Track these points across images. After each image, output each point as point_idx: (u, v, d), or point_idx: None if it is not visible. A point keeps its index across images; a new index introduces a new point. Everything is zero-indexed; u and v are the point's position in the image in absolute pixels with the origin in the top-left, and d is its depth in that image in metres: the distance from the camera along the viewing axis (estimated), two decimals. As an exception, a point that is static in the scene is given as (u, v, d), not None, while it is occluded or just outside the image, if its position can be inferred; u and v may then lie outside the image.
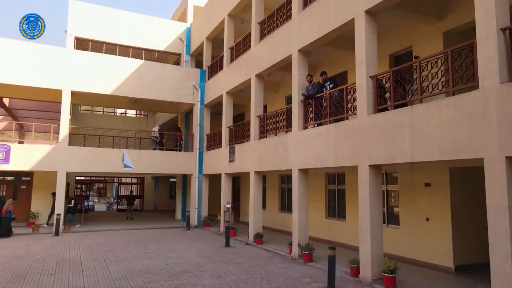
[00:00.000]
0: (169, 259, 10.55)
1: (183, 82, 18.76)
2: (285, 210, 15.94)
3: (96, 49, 20.06)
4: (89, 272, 8.96)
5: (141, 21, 21.08)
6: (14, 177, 18.25)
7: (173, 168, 18.54)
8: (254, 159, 13.47)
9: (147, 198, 29.28)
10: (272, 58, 12.48)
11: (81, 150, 16.70)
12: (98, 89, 16.99)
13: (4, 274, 8.65)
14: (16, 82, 15.73)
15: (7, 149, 15.32)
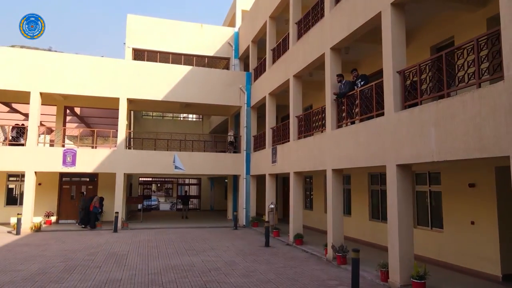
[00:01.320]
0: (207, 257, 10.97)
1: (229, 85, 19.31)
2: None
3: (151, 58, 21.48)
4: (130, 266, 9.69)
5: (192, 29, 22.10)
6: (82, 178, 20.19)
7: (221, 169, 19.15)
8: (293, 160, 13.45)
9: (204, 198, 30.48)
10: (308, 57, 12.39)
11: (136, 153, 18.01)
12: (151, 96, 18.17)
13: (59, 266, 9.71)
14: (81, 93, 17.48)
15: (74, 153, 17.05)
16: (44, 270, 9.20)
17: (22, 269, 9.24)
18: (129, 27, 21.04)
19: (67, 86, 17.22)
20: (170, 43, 21.56)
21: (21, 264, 9.87)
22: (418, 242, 10.41)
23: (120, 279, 8.43)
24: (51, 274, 8.81)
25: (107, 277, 8.54)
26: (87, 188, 20.07)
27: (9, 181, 19.34)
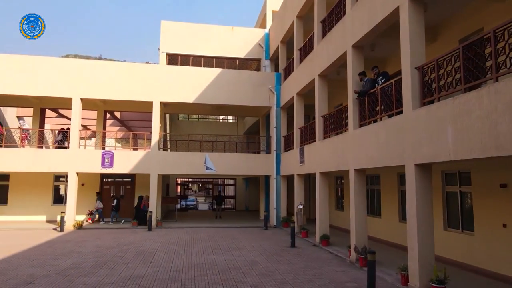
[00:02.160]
0: (230, 256, 11.15)
1: (259, 86, 19.45)
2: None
3: (184, 63, 22.12)
4: (155, 263, 10.08)
5: (223, 32, 22.50)
6: (121, 179, 21.21)
7: (251, 169, 19.33)
8: (319, 160, 13.32)
9: (239, 199, 30.84)
10: (331, 56, 12.21)
11: (169, 155, 18.65)
12: (182, 99, 18.73)
13: (90, 261, 10.31)
14: (117, 98, 18.41)
15: (111, 155, 17.97)
16: (76, 265, 9.81)
17: (57, 264, 9.91)
18: (163, 33, 21.82)
19: (104, 91, 18.20)
20: (202, 46, 22.09)
21: (57, 259, 10.59)
22: (449, 245, 9.95)
23: (143, 275, 8.81)
24: (82, 269, 9.39)
25: (132, 273, 8.96)
26: (125, 188, 21.07)
27: (56, 182, 20.71)
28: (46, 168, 17.71)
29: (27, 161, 17.47)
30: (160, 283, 8.12)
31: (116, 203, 19.22)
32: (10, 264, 9.86)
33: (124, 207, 20.07)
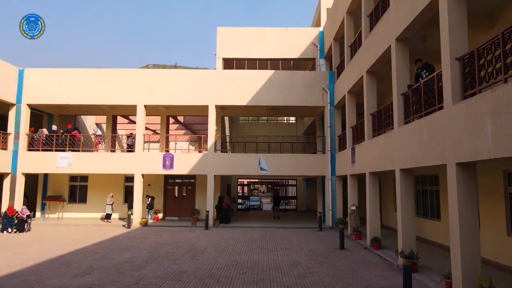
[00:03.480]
0: (274, 256, 11.25)
1: (312, 86, 19.25)
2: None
3: (240, 66, 22.71)
4: (201, 260, 10.56)
5: (277, 33, 22.67)
6: (182, 180, 22.42)
7: (306, 170, 19.20)
8: (368, 160, 12.83)
9: (300, 199, 30.68)
10: (377, 51, 11.71)
11: (224, 156, 19.29)
12: (236, 102, 19.27)
13: (144, 256, 11.14)
14: (176, 103, 19.57)
15: (171, 157, 19.12)
16: (131, 259, 10.68)
17: (115, 257, 10.89)
18: (219, 39, 22.64)
19: (164, 97, 19.45)
20: (257, 49, 22.48)
21: (117, 253, 11.62)
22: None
23: (186, 271, 9.31)
24: (134, 262, 10.20)
25: (177, 269, 9.52)
26: (186, 189, 22.24)
27: (127, 183, 22.55)
28: (116, 170, 19.45)
29: (100, 164, 19.35)
30: (198, 279, 8.52)
31: (150, 202, 20.49)
32: (76, 256, 11.06)
33: (185, 206, 21.20)
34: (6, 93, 18.90)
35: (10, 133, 19.45)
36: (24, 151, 19.43)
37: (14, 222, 16.25)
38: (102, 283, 8.11)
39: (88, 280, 8.30)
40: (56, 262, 10.17)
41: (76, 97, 19.61)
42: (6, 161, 18.93)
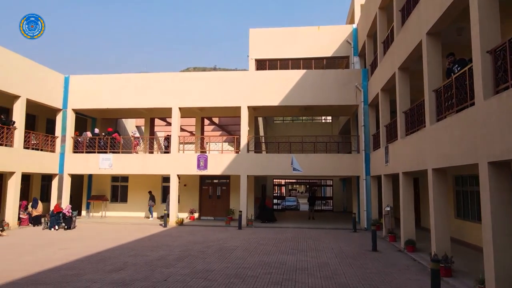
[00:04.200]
0: (303, 257, 11.18)
1: (345, 84, 18.90)
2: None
3: (272, 67, 22.76)
4: (229, 260, 10.72)
5: (309, 32, 22.48)
6: (217, 180, 22.80)
7: (339, 170, 18.87)
8: (401, 159, 12.41)
9: (336, 200, 30.16)
10: (408, 46, 11.30)
11: (257, 156, 19.41)
12: (268, 102, 19.33)
13: (175, 254, 11.48)
14: (209, 105, 19.97)
15: (205, 158, 19.53)
16: (163, 257, 11.05)
17: (148, 255, 11.31)
18: (252, 40, 22.82)
19: (198, 100, 19.91)
20: (289, 49, 22.43)
21: (151, 250, 12.06)
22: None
23: (213, 269, 9.49)
24: (166, 260, 10.55)
25: (205, 267, 9.73)
26: (221, 189, 22.59)
27: (164, 183, 23.30)
28: (153, 171, 20.18)
29: (138, 165, 20.16)
30: (224, 278, 8.66)
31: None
32: (113, 253, 11.61)
33: (220, 206, 21.57)
34: (54, 100, 20.22)
35: (57, 137, 20.77)
36: (70, 153, 20.67)
37: (60, 220, 17.33)
38: (133, 279, 8.47)
39: (121, 276, 8.70)
40: (94, 258, 10.74)
41: (116, 101, 20.58)
42: (54, 162, 20.24)
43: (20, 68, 17.72)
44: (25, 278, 8.52)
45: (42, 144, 19.79)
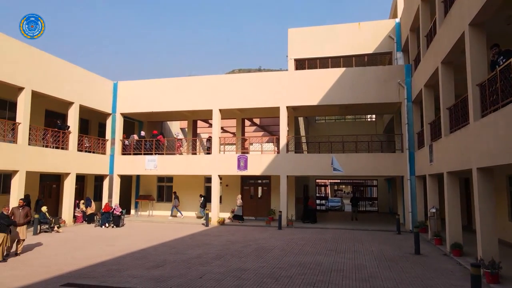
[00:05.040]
0: (340, 258, 10.98)
1: (386, 81, 18.25)
2: None
3: (311, 66, 22.54)
4: (265, 259, 10.79)
5: (349, 30, 21.98)
6: (258, 180, 22.97)
7: (382, 170, 18.26)
8: (445, 158, 11.77)
9: (382, 200, 29.18)
10: (451, 39, 10.71)
11: (296, 157, 19.31)
12: (307, 102, 19.15)
13: (213, 253, 11.75)
14: (248, 106, 20.17)
15: (245, 158, 19.77)
16: (201, 255, 11.36)
17: (188, 253, 11.68)
18: (291, 40, 22.75)
19: (237, 101, 20.19)
20: (329, 48, 22.08)
21: (190, 249, 12.45)
22: None
23: (248, 268, 9.61)
24: (203, 258, 10.84)
25: (240, 266, 9.87)
26: (262, 189, 22.74)
27: (207, 183, 23.87)
28: (195, 171, 20.77)
29: (181, 166, 20.85)
30: (258, 277, 8.74)
31: (203, 201, 21.44)
32: (155, 250, 12.13)
33: (261, 207, 21.71)
34: (104, 105, 21.48)
35: (107, 140, 22.04)
36: (119, 155, 21.84)
37: (110, 218, 18.38)
38: (170, 275, 8.81)
39: (159, 273, 9.08)
40: (137, 255, 11.29)
41: (160, 105, 21.44)
42: (105, 164, 21.50)
43: (73, 76, 19.03)
44: (73, 271, 9.17)
45: (94, 147, 21.10)
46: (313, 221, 19.97)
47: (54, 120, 19.57)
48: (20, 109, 15.95)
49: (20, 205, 11.57)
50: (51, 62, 17.68)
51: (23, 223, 11.30)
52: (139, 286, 7.90)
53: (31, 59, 16.44)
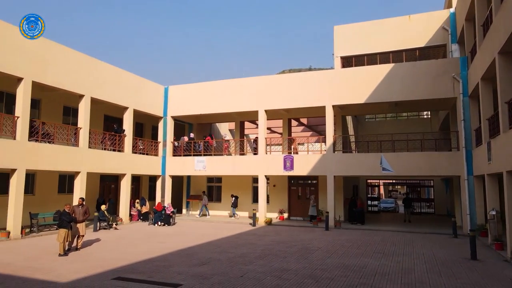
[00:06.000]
0: (387, 261, 10.58)
1: (440, 75, 17.24)
2: None
3: (359, 63, 21.91)
4: (309, 260, 10.69)
5: (398, 23, 21.10)
6: (305, 181, 22.78)
7: (435, 169, 17.27)
8: (503, 156, 10.88)
9: (439, 202, 27.59)
10: (508, 27, 9.89)
11: (343, 156, 18.89)
12: (353, 100, 18.66)
13: (257, 252, 11.87)
14: (293, 106, 20.10)
15: (291, 158, 19.71)
16: (245, 254, 11.53)
17: (233, 252, 11.92)
18: (337, 37, 22.31)
19: (282, 101, 20.20)
20: (376, 43, 21.36)
21: (235, 248, 12.68)
22: None
23: (290, 269, 9.60)
24: (246, 258, 10.99)
25: (282, 266, 9.89)
26: (309, 190, 22.52)
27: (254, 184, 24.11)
28: (242, 172, 21.09)
29: (229, 166, 21.29)
30: (299, 278, 8.71)
31: (234, 201, 21.84)
32: (201, 249, 12.52)
33: (308, 207, 21.50)
34: (156, 109, 22.57)
35: (159, 142, 23.11)
36: (170, 156, 22.81)
37: (162, 217, 19.25)
38: (212, 273, 9.06)
39: (202, 270, 9.37)
40: (184, 253, 11.74)
41: (207, 107, 22.08)
42: (157, 165, 22.57)
43: (127, 82, 20.22)
44: (125, 266, 9.75)
45: (148, 149, 22.24)
46: (361, 222, 19.42)
47: (111, 125, 20.93)
48: (81, 115, 17.28)
49: (80, 204, 12.52)
50: (107, 70, 18.93)
51: (82, 220, 12.22)
52: (182, 282, 8.22)
53: (90, 68, 17.74)
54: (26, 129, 14.59)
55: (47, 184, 18.40)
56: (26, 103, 14.60)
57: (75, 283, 8.09)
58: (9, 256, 10.92)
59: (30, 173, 17.00)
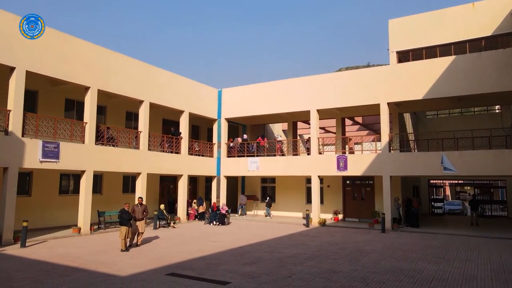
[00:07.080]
0: (447, 267, 9.95)
1: (508, 66, 15.80)
2: None
3: (416, 57, 20.81)
4: (360, 263, 10.39)
5: (460, 12, 19.77)
6: (361, 181, 22.10)
7: (505, 169, 15.79)
8: None
9: (512, 204, 25.21)
10: None
11: (400, 156, 18.03)
12: (410, 96, 17.76)
13: (307, 253, 11.78)
14: (346, 104, 19.64)
15: (345, 158, 19.25)
16: (296, 255, 11.51)
17: (283, 252, 11.95)
18: (392, 32, 21.42)
19: (334, 100, 19.83)
20: (436, 35, 20.14)
21: (287, 248, 12.69)
22: None
23: (340, 271, 9.41)
24: (297, 258, 10.96)
25: (332, 268, 9.73)
26: (365, 190, 21.83)
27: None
28: (295, 172, 21.05)
29: (281, 167, 21.34)
30: (348, 280, 8.51)
31: (268, 201, 22.09)
32: (252, 248, 12.71)
33: (364, 208, 20.92)
34: (210, 111, 23.33)
35: (214, 143, 23.84)
36: (224, 157, 23.41)
37: (217, 216, 19.82)
38: (261, 272, 9.17)
39: (251, 269, 9.52)
40: (235, 252, 12.00)
41: (260, 109, 22.34)
42: (212, 166, 23.30)
43: (183, 87, 21.13)
44: (178, 263, 10.22)
45: (203, 150, 23.04)
46: (414, 225, 18.35)
47: (169, 128, 22.00)
48: (141, 120, 18.40)
49: (139, 203, 13.34)
50: (163, 75, 19.95)
51: (141, 218, 13.00)
52: (231, 280, 8.43)
53: (148, 75, 18.82)
54: (93, 133, 15.87)
55: (112, 184, 19.82)
56: (93, 110, 15.88)
57: (133, 277, 8.65)
58: (79, 250, 11.97)
59: (98, 174, 18.42)
